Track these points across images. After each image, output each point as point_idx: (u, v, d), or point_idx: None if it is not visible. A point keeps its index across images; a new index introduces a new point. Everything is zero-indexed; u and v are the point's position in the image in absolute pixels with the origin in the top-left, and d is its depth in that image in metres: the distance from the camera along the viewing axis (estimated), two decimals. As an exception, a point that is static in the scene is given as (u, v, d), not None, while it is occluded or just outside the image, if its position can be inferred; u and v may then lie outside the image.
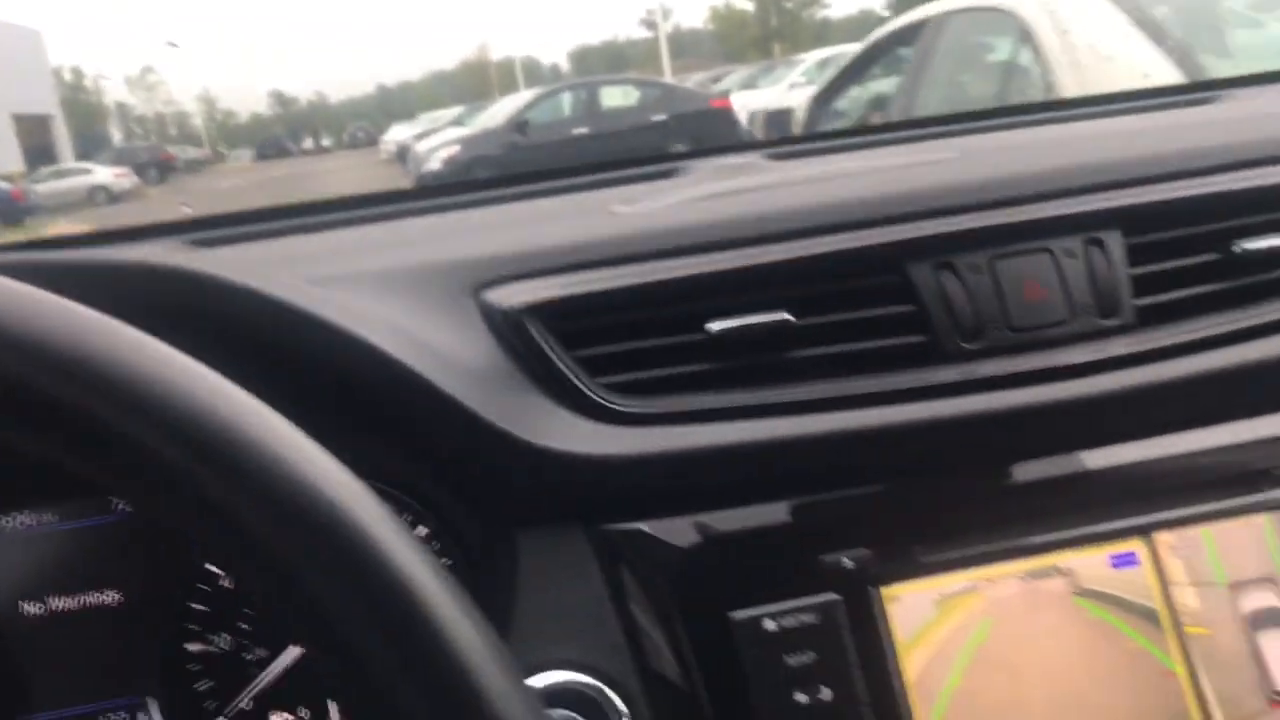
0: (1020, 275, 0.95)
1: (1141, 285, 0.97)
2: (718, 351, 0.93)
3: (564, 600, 0.89)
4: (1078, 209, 0.97)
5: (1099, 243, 0.97)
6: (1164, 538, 0.94)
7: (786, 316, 0.93)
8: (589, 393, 0.91)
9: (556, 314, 0.93)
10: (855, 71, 5.43)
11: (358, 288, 0.99)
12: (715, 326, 0.92)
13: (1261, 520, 0.96)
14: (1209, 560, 0.94)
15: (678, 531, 0.91)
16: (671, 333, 0.94)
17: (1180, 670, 0.91)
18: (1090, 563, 0.93)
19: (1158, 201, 0.98)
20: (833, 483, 0.93)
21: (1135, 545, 0.94)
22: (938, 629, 0.90)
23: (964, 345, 0.94)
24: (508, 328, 0.94)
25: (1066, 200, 0.98)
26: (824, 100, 5.65)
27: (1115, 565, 0.93)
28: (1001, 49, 4.20)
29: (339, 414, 0.90)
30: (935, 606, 0.91)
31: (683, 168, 1.67)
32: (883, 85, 5.40)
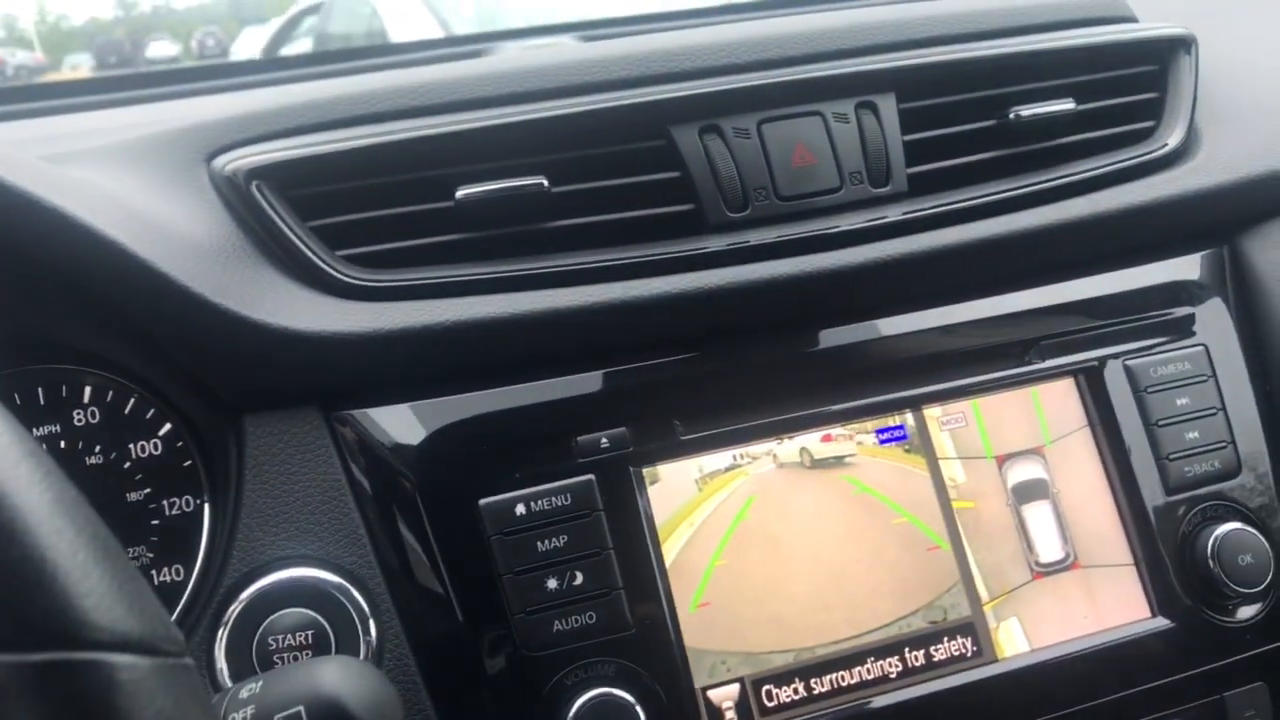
0: (790, 140, 0.90)
1: (914, 152, 0.93)
2: (467, 220, 0.86)
3: (299, 490, 0.82)
4: (850, 70, 0.92)
5: (872, 107, 0.92)
6: (932, 411, 0.93)
7: (541, 182, 0.86)
8: (323, 265, 0.83)
9: (287, 178, 0.85)
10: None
11: (91, 163, 0.89)
12: (462, 192, 0.85)
13: (1029, 392, 0.95)
14: (977, 433, 0.93)
15: (422, 415, 0.84)
16: (416, 200, 0.86)
17: (946, 545, 0.90)
18: (857, 437, 0.91)
19: (933, 64, 0.95)
20: (589, 360, 0.87)
21: (903, 419, 0.92)
22: (699, 508, 0.86)
23: (730, 215, 0.89)
24: (235, 195, 0.85)
25: (838, 61, 0.93)
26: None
27: (883, 440, 0.91)
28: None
29: (53, 293, 0.80)
30: (696, 485, 0.87)
31: (492, 48, 1.58)
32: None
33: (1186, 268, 1.01)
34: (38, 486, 0.40)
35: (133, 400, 0.86)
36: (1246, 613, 0.92)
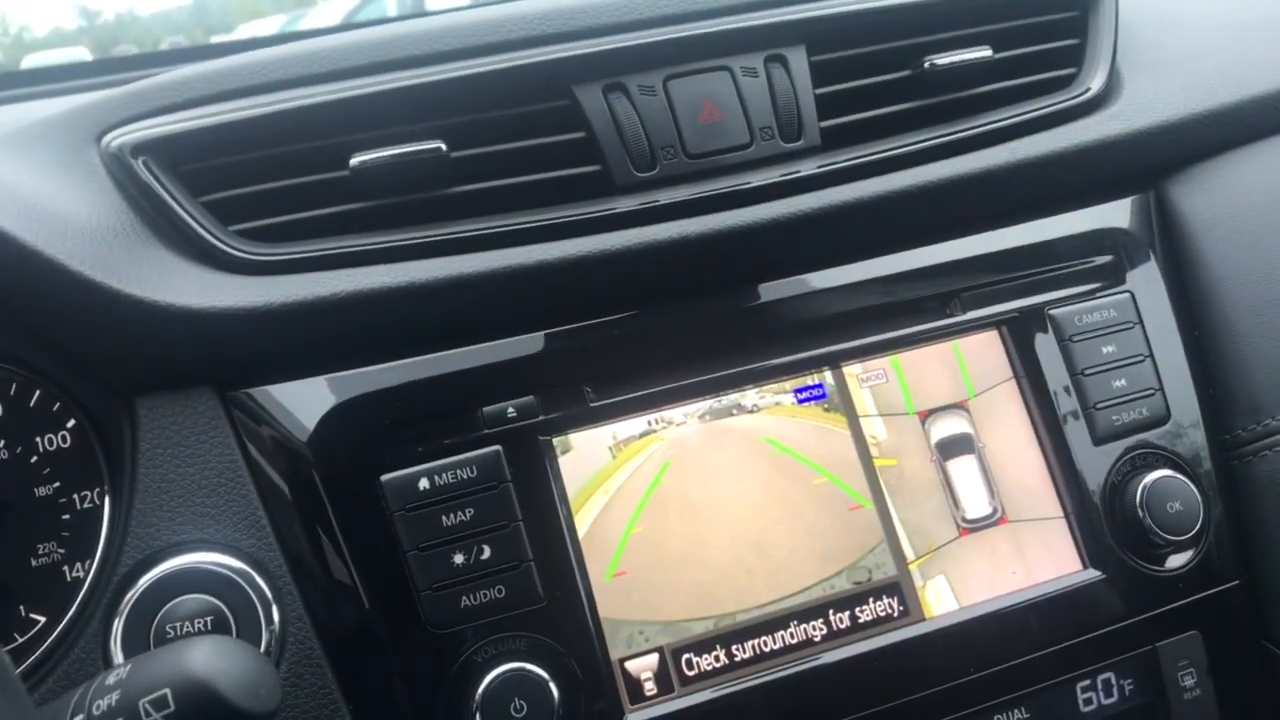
0: (697, 96, 0.88)
1: (826, 105, 0.91)
2: (362, 190, 0.83)
3: (194, 473, 0.79)
4: (757, 22, 0.90)
5: (781, 60, 0.90)
6: (852, 369, 0.90)
7: (440, 146, 0.83)
8: (213, 240, 0.81)
9: (176, 153, 0.82)
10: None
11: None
12: (357, 160, 0.82)
13: (951, 346, 0.93)
14: (898, 389, 0.91)
15: (320, 391, 0.82)
16: (310, 171, 0.83)
17: (869, 504, 0.88)
18: (774, 398, 0.88)
19: (844, 14, 0.92)
20: (495, 329, 0.85)
21: (822, 377, 0.90)
22: (613, 475, 0.84)
23: (638, 174, 0.86)
24: (122, 172, 0.82)
25: (746, 14, 0.90)
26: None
27: (801, 400, 0.89)
28: None
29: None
30: (610, 452, 0.84)
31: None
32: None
33: (1112, 215, 0.99)
34: None
35: (37, 393, 0.83)
36: (1177, 561, 0.91)
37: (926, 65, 0.93)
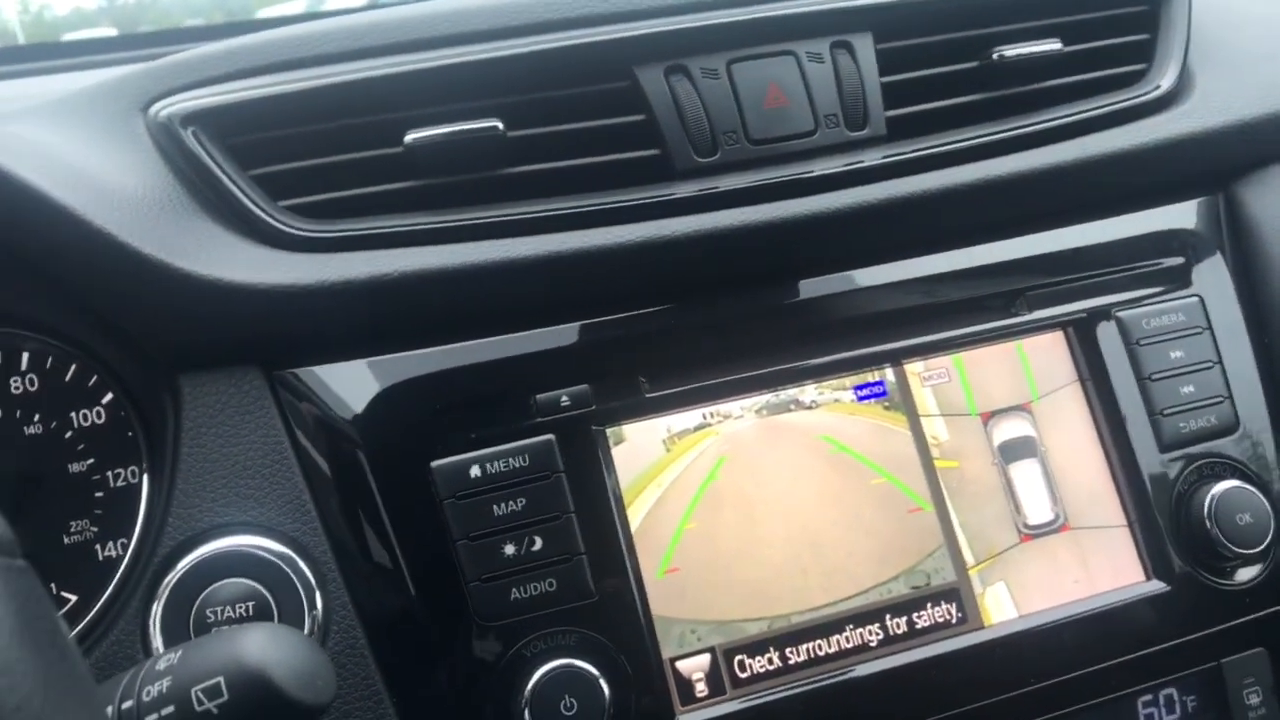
0: (761, 81, 0.85)
1: (893, 94, 0.88)
2: (417, 167, 0.81)
3: (239, 454, 0.77)
4: (825, 7, 0.87)
5: (848, 47, 0.87)
6: (913, 366, 0.88)
7: (496, 125, 0.81)
8: (263, 215, 0.78)
9: (226, 124, 0.79)
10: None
11: (29, 119, 0.84)
12: (412, 137, 0.80)
13: (1015, 346, 0.90)
14: (960, 389, 0.88)
15: (370, 373, 0.79)
16: (363, 146, 0.81)
17: (928, 506, 0.85)
18: (833, 394, 0.86)
19: (913, 2, 0.89)
20: (549, 315, 0.82)
21: (883, 374, 0.87)
22: (667, 469, 0.81)
23: (698, 159, 0.84)
24: (170, 143, 0.80)
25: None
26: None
27: (861, 397, 0.86)
28: None
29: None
30: (664, 445, 0.82)
31: None
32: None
33: (1180, 216, 0.96)
34: None
35: (74, 367, 0.81)
36: (1246, 575, 0.88)
37: (995, 56, 0.91)
